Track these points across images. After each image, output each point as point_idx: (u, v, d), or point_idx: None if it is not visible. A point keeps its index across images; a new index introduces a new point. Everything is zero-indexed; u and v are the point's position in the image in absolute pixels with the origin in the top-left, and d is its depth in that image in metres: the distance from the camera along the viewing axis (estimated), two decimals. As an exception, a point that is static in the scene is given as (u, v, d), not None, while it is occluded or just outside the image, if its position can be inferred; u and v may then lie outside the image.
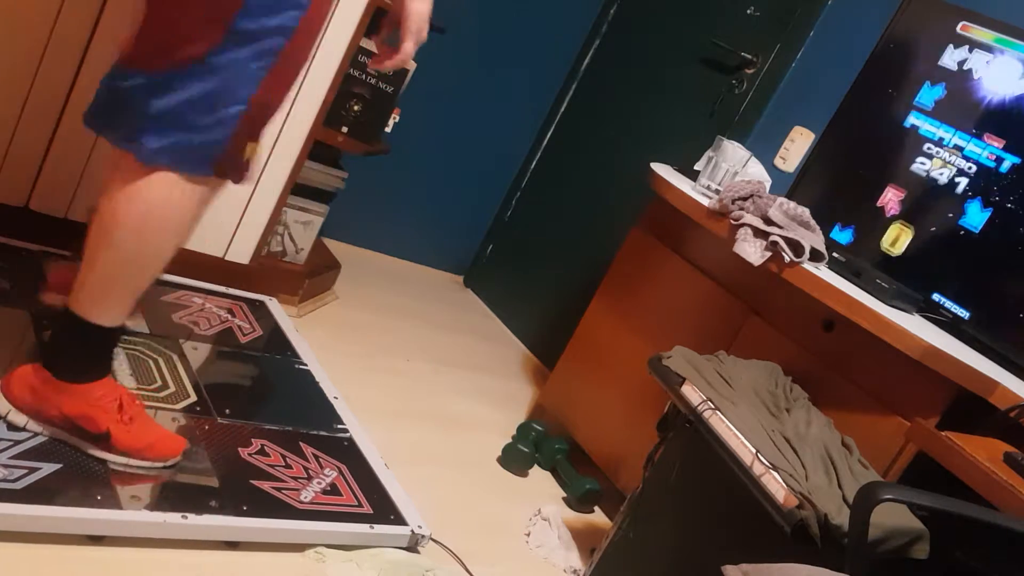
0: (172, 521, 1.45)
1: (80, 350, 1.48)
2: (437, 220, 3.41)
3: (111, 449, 1.50)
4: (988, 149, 1.96)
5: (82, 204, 2.07)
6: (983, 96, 2.00)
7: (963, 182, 1.98)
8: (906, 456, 1.63)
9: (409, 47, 1.48)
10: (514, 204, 3.48)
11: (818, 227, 1.90)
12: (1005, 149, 1.93)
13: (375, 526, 1.68)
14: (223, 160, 1.42)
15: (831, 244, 1.97)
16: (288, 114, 2.22)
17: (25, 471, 1.38)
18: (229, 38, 1.33)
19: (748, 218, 1.89)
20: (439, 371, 2.68)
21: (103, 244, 1.41)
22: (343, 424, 1.97)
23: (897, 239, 2.07)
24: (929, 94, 2.08)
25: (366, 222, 3.24)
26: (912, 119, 2.11)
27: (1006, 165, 1.92)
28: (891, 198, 2.10)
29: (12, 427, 1.47)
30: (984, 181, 1.95)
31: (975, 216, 1.94)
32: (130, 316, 1.52)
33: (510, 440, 2.35)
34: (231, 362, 2.02)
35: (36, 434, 1.47)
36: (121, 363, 1.78)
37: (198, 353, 1.96)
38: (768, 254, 1.85)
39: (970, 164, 1.98)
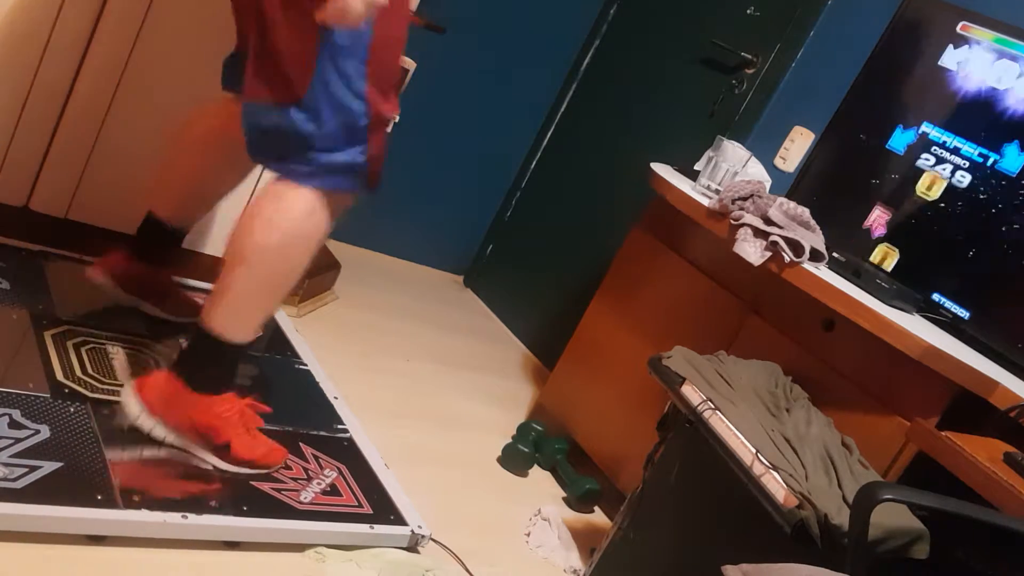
0: (172, 521, 1.45)
1: (214, 365, 1.57)
2: (437, 220, 3.41)
3: (230, 459, 1.60)
4: (986, 150, 1.96)
5: (82, 204, 2.07)
6: (983, 96, 2.00)
7: (963, 182, 1.98)
8: (906, 456, 1.63)
9: None
10: (514, 204, 3.48)
11: (818, 227, 1.90)
12: (1004, 149, 1.93)
13: (375, 526, 1.68)
14: (372, 170, 1.57)
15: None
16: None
17: (25, 470, 1.38)
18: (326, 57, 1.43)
19: (748, 218, 1.89)
20: (439, 371, 2.68)
21: (242, 265, 1.49)
22: (343, 424, 1.97)
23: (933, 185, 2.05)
24: (901, 139, 2.09)
25: (366, 222, 3.24)
26: (912, 119, 2.10)
27: (1007, 166, 1.92)
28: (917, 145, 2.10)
29: (138, 430, 1.55)
30: (983, 182, 1.95)
31: (975, 216, 1.94)
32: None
33: (510, 440, 2.35)
34: (231, 362, 2.02)
35: (37, 431, 1.47)
36: (121, 363, 1.78)
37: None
38: (768, 254, 1.85)
39: (969, 164, 1.98)
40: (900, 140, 2.12)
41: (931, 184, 2.04)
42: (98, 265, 1.86)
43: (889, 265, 2.06)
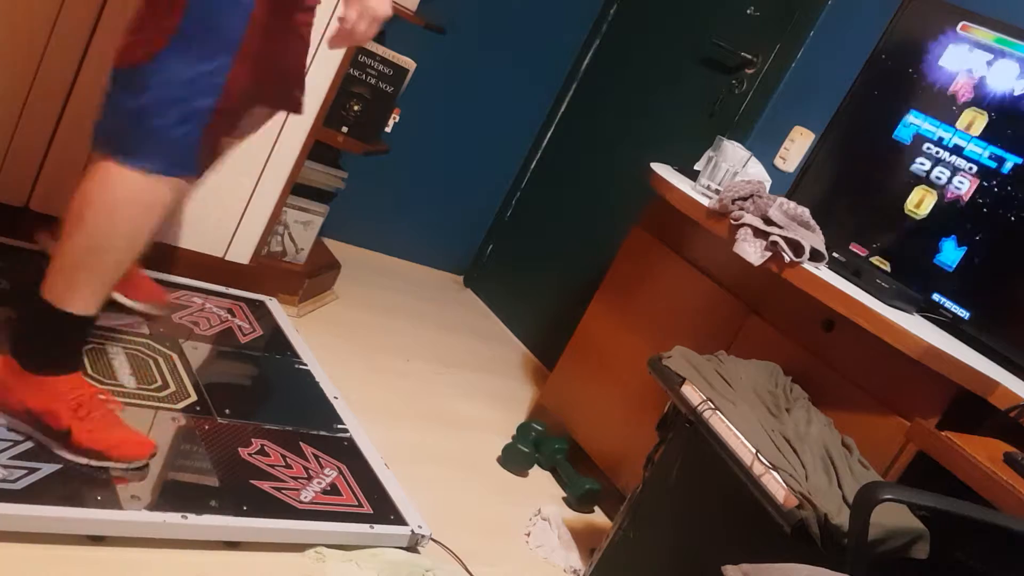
0: (172, 521, 1.45)
1: (48, 339, 1.45)
2: (437, 220, 3.41)
3: (72, 448, 1.45)
4: (988, 149, 1.96)
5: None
6: (983, 96, 2.00)
7: (964, 182, 1.98)
8: (906, 456, 1.63)
9: (352, 13, 1.39)
10: (514, 204, 3.48)
11: (818, 227, 1.90)
12: (1006, 149, 1.93)
13: (375, 526, 1.68)
14: (201, 158, 1.43)
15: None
16: (288, 114, 2.22)
17: (25, 471, 1.38)
18: (178, 38, 1.36)
19: (748, 218, 1.89)
20: (439, 371, 2.68)
21: (75, 228, 1.41)
22: (343, 424, 1.97)
23: (921, 202, 2.04)
24: (901, 138, 2.09)
25: (366, 222, 3.24)
26: (912, 119, 2.10)
27: (1007, 166, 1.92)
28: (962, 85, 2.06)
29: None
30: (984, 182, 1.95)
31: (974, 216, 1.94)
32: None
33: (510, 440, 2.35)
34: (231, 362, 2.02)
35: (28, 437, 1.47)
36: (121, 363, 1.78)
37: (198, 353, 1.96)
38: (768, 254, 1.85)
39: (970, 164, 1.98)
40: (900, 139, 2.12)
41: (918, 204, 2.04)
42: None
43: (978, 129, 1.99)
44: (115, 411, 1.56)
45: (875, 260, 2.08)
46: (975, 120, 1.99)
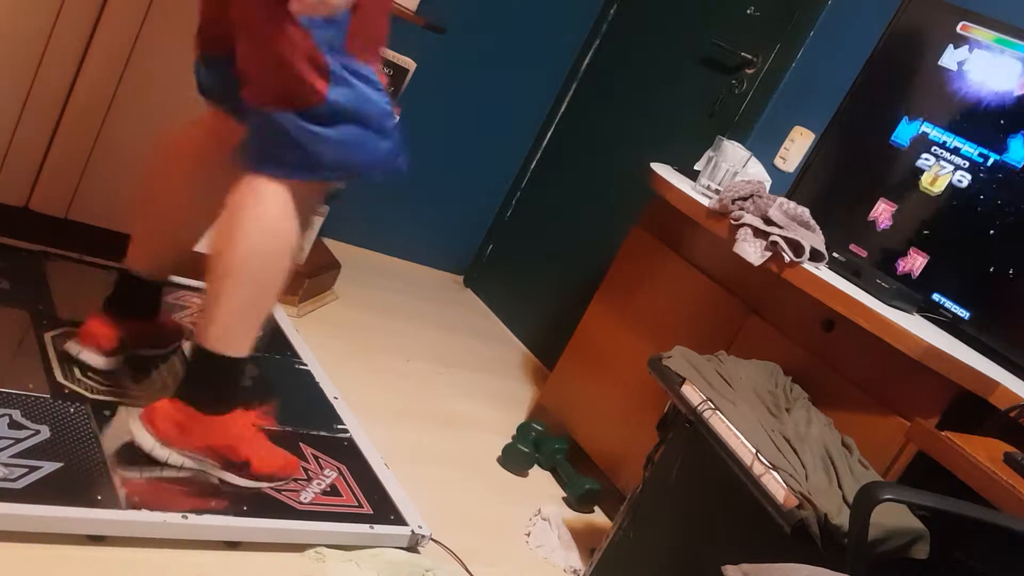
0: (172, 521, 1.45)
1: (218, 384, 1.54)
2: (437, 220, 3.41)
3: (252, 476, 1.60)
4: (986, 149, 1.95)
5: (82, 204, 2.07)
6: (983, 96, 2.00)
7: (963, 182, 1.98)
8: (906, 456, 1.63)
9: None
10: (514, 204, 3.48)
11: (818, 227, 1.90)
12: (1005, 149, 1.93)
13: (375, 526, 1.68)
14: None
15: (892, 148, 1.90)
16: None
17: (25, 470, 1.38)
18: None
19: (748, 218, 1.89)
20: (439, 371, 2.68)
21: (228, 278, 1.45)
22: (343, 424, 1.97)
23: (936, 180, 2.04)
24: (901, 138, 2.09)
25: (366, 222, 3.24)
26: (912, 120, 2.10)
27: (1007, 165, 1.92)
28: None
29: (154, 461, 1.52)
30: (982, 181, 1.95)
31: (975, 215, 1.94)
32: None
33: (510, 440, 2.35)
34: (231, 362, 2.02)
35: (37, 431, 1.47)
36: (122, 363, 1.78)
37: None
38: (768, 254, 1.85)
39: (970, 164, 1.98)
40: (900, 140, 2.12)
41: (933, 181, 2.04)
42: (84, 341, 1.71)
43: (941, 185, 2.01)
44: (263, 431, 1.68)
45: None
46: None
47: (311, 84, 1.39)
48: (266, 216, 1.44)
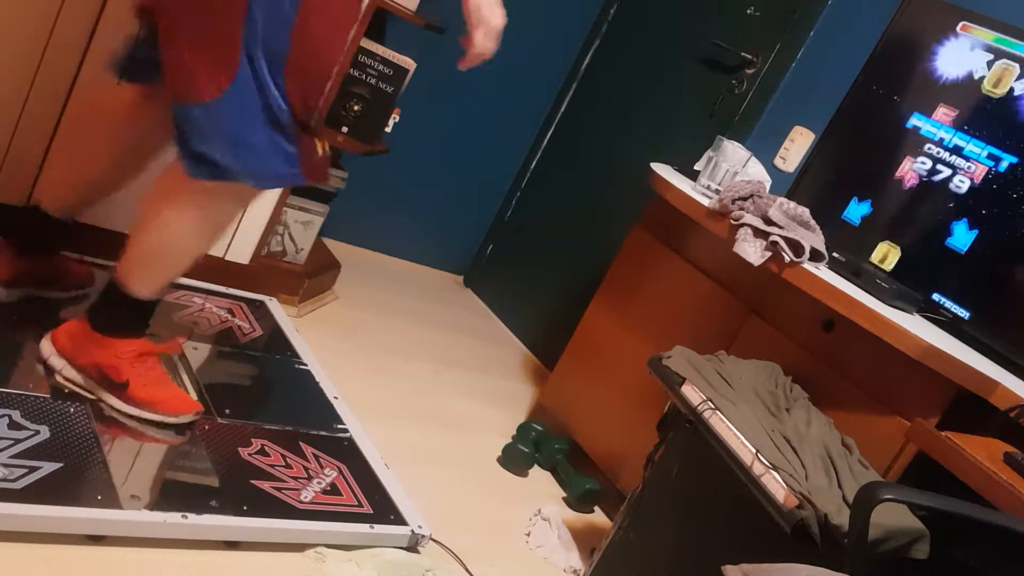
0: (172, 521, 1.45)
1: (116, 310, 1.63)
2: (437, 220, 3.41)
3: (127, 399, 1.63)
4: (987, 149, 1.96)
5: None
6: (982, 96, 2.00)
7: (963, 182, 1.98)
8: (906, 456, 1.63)
9: (478, 36, 1.57)
10: (514, 204, 3.48)
11: (818, 227, 1.90)
12: (1004, 149, 1.93)
13: (375, 526, 1.68)
14: (310, 168, 1.56)
15: (843, 226, 1.96)
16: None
17: (25, 470, 1.38)
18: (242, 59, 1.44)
19: (748, 218, 1.89)
20: (439, 371, 2.68)
21: (148, 229, 1.57)
22: (343, 424, 1.97)
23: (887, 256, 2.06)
24: (856, 210, 2.12)
25: (366, 222, 3.24)
26: (913, 119, 2.11)
27: (1004, 165, 1.92)
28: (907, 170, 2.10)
29: (49, 370, 1.64)
30: (983, 181, 1.95)
31: (974, 216, 1.94)
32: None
33: (510, 440, 2.35)
34: (231, 362, 2.02)
35: (36, 432, 1.47)
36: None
37: (198, 353, 1.96)
38: (768, 254, 1.85)
39: (970, 164, 1.98)
40: (900, 140, 2.12)
41: (932, 178, 2.04)
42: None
43: (890, 264, 2.06)
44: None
45: (884, 246, 2.07)
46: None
47: (210, 76, 1.43)
48: (190, 203, 1.54)
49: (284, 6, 1.44)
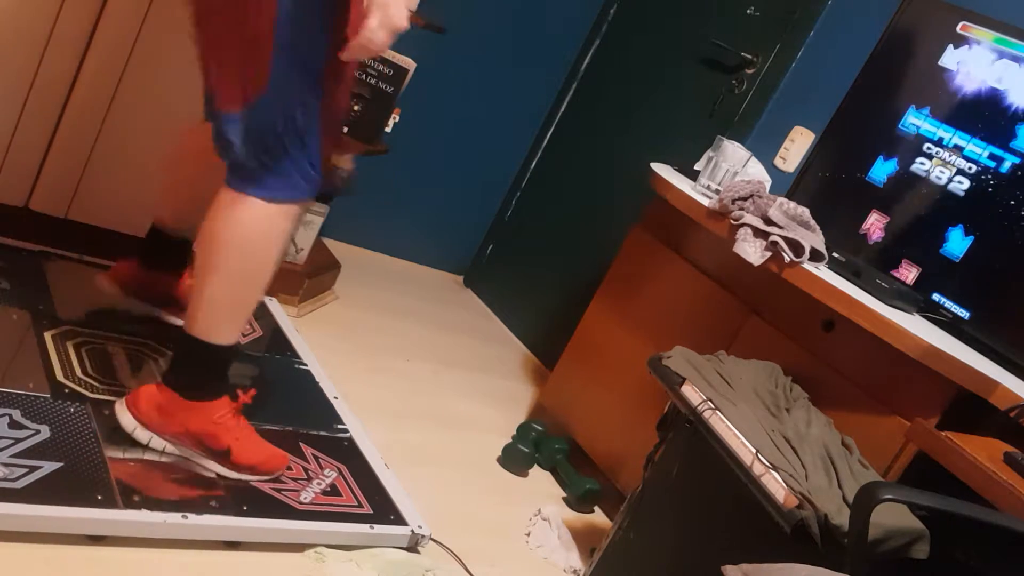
0: (172, 521, 1.45)
1: (202, 370, 1.57)
2: (437, 220, 3.41)
3: (232, 466, 1.60)
4: (988, 149, 1.96)
5: (82, 204, 2.07)
6: (983, 96, 2.00)
7: (963, 182, 1.98)
8: (906, 456, 1.63)
9: (372, 21, 1.37)
10: (514, 204, 3.48)
11: (818, 227, 1.90)
12: (1005, 149, 1.93)
13: (375, 526, 1.68)
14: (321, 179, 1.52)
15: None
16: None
17: (25, 470, 1.38)
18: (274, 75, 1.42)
19: (748, 218, 1.89)
20: (439, 371, 2.68)
21: (210, 268, 1.51)
22: (343, 424, 1.97)
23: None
24: (881, 169, 2.09)
25: (366, 222, 3.24)
26: (912, 119, 2.11)
27: (1006, 165, 1.92)
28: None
29: (136, 443, 1.56)
30: (983, 181, 1.95)
31: (974, 216, 1.94)
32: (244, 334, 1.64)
33: (510, 440, 2.35)
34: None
35: (37, 431, 1.47)
36: (122, 363, 1.78)
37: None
38: (768, 254, 1.85)
39: (970, 164, 1.98)
40: (900, 140, 2.12)
41: (932, 176, 2.04)
42: (108, 273, 1.87)
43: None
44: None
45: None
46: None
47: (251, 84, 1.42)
48: (241, 219, 1.49)
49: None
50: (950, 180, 2.01)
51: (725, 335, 2.04)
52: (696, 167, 2.33)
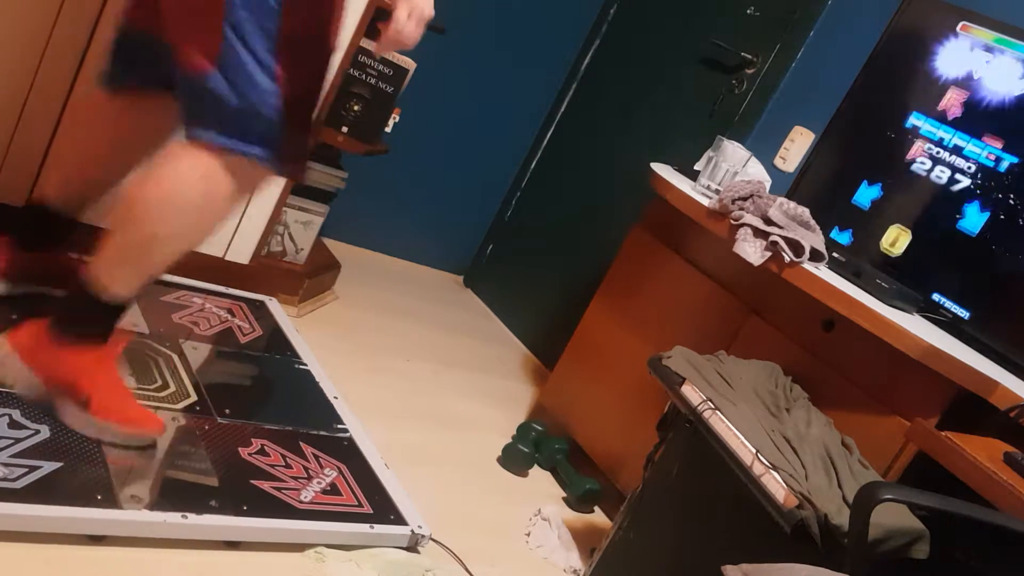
0: (172, 521, 1.45)
1: (86, 318, 1.50)
2: (437, 220, 3.41)
3: (88, 416, 1.51)
4: (987, 149, 1.96)
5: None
6: (983, 96, 2.00)
7: (963, 182, 1.98)
8: (906, 456, 1.63)
9: (401, 13, 1.37)
10: (514, 204, 3.48)
11: (818, 227, 1.90)
12: (1004, 149, 1.93)
13: (375, 526, 1.68)
14: (278, 142, 1.46)
15: (831, 245, 1.98)
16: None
17: (25, 470, 1.38)
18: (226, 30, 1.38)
19: (748, 218, 1.89)
20: (439, 371, 2.68)
21: (125, 218, 1.46)
22: (343, 424, 1.97)
23: (896, 240, 2.06)
24: (866, 193, 2.10)
25: (366, 222, 3.24)
26: (912, 119, 2.11)
27: (1005, 165, 1.92)
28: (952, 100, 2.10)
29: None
30: (984, 181, 1.95)
31: (974, 217, 1.94)
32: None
33: (510, 440, 2.35)
34: (231, 362, 2.02)
35: (36, 431, 1.47)
36: (121, 363, 1.78)
37: (198, 353, 1.96)
38: (768, 254, 1.85)
39: (970, 164, 1.98)
40: (900, 140, 2.12)
41: (930, 177, 2.04)
42: None
43: (901, 247, 2.05)
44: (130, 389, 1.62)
45: (895, 229, 2.07)
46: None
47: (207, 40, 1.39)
48: (179, 174, 1.44)
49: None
50: (949, 180, 2.01)
51: (725, 335, 2.04)
52: (696, 167, 2.33)
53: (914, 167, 2.08)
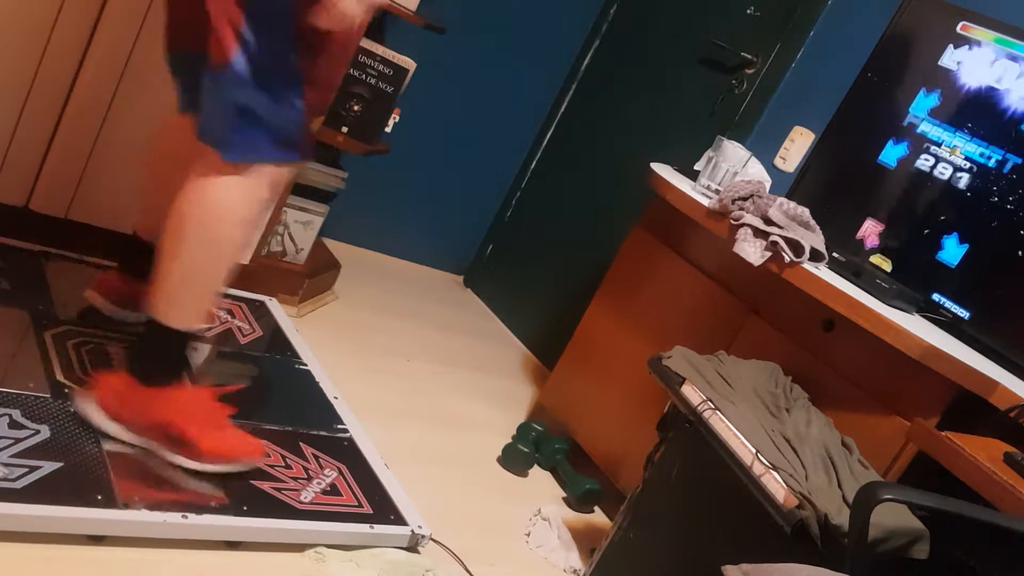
0: (172, 521, 1.45)
1: (166, 357, 1.53)
2: (437, 220, 3.41)
3: (198, 455, 1.54)
4: (987, 149, 1.96)
5: (82, 204, 2.07)
6: (983, 96, 2.00)
7: (963, 181, 1.98)
8: (906, 456, 1.63)
9: None
10: (514, 204, 3.48)
11: (818, 227, 1.90)
12: (1005, 149, 1.93)
13: (375, 526, 1.68)
14: (302, 140, 1.47)
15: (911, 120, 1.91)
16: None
17: (25, 470, 1.38)
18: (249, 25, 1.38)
19: (748, 218, 1.89)
20: (439, 371, 2.68)
21: (175, 249, 1.46)
22: (343, 424, 1.97)
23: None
24: (924, 102, 2.08)
25: (366, 222, 3.24)
26: (911, 119, 2.11)
27: (1007, 166, 1.92)
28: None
29: (104, 436, 1.52)
30: (984, 181, 1.95)
31: (973, 217, 1.94)
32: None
33: (510, 440, 2.35)
34: (231, 362, 2.02)
35: (36, 431, 1.47)
36: (121, 363, 1.78)
37: (198, 353, 1.96)
38: (768, 254, 1.85)
39: (970, 164, 1.98)
40: (900, 140, 2.12)
41: (930, 180, 2.04)
42: (93, 287, 1.84)
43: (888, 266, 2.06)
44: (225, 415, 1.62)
45: (876, 259, 2.08)
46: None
47: (221, 40, 1.38)
48: (213, 190, 1.45)
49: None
50: (949, 179, 2.01)
51: (725, 335, 2.04)
52: (696, 167, 2.33)
53: (914, 167, 2.08)
